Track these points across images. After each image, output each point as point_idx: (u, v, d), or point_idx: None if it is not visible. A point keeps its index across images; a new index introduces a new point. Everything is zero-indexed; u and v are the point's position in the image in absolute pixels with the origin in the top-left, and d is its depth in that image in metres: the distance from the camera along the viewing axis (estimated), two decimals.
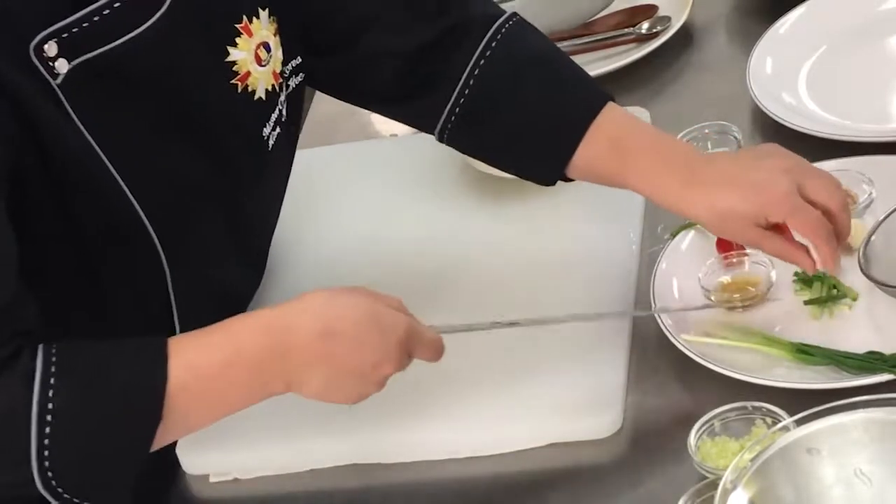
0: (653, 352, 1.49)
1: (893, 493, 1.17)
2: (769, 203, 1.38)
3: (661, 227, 1.63)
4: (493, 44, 1.52)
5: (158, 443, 1.30)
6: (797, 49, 1.83)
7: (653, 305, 1.50)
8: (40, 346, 1.27)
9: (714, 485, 1.21)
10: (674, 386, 1.43)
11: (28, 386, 1.25)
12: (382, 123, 2.02)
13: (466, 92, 1.52)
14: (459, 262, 1.67)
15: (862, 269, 1.42)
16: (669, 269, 1.54)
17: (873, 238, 1.44)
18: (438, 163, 1.82)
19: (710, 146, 1.70)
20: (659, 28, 1.96)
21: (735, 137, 1.68)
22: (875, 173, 1.55)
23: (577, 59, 1.94)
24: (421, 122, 1.60)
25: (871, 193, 1.53)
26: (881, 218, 1.46)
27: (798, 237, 1.41)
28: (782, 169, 1.41)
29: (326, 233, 1.78)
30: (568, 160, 1.48)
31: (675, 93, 1.88)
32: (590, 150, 1.47)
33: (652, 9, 1.99)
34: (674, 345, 1.45)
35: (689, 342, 1.45)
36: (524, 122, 1.50)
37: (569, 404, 1.44)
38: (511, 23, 1.54)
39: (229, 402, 1.34)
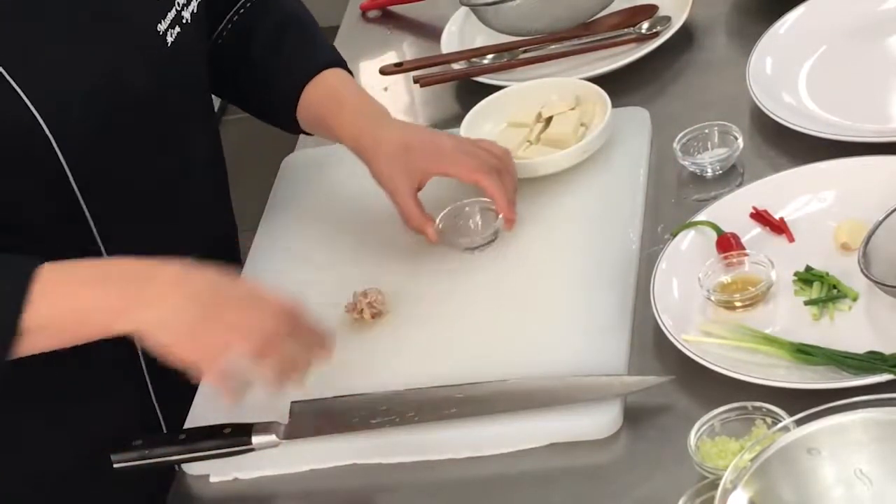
0: (653, 352, 1.49)
1: (893, 493, 1.17)
2: (433, 160, 1.62)
3: (661, 227, 1.63)
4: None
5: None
6: (797, 49, 1.83)
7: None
8: None
9: (714, 485, 1.21)
10: (674, 386, 1.43)
11: None
12: None
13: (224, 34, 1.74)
14: (458, 260, 1.67)
15: (862, 269, 1.42)
16: (669, 269, 1.54)
17: (873, 238, 1.44)
18: None
19: (710, 146, 1.70)
20: (659, 28, 1.96)
21: (735, 137, 1.68)
22: (875, 173, 1.56)
23: (577, 59, 1.96)
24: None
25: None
26: (881, 218, 1.46)
27: None
28: (448, 135, 1.66)
29: (325, 232, 1.77)
30: (294, 106, 1.69)
31: (675, 93, 1.88)
32: (311, 97, 1.69)
33: (652, 9, 1.99)
34: (674, 345, 1.45)
35: (689, 342, 1.45)
36: (268, 71, 1.72)
37: (569, 404, 1.44)
38: None
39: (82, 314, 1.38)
